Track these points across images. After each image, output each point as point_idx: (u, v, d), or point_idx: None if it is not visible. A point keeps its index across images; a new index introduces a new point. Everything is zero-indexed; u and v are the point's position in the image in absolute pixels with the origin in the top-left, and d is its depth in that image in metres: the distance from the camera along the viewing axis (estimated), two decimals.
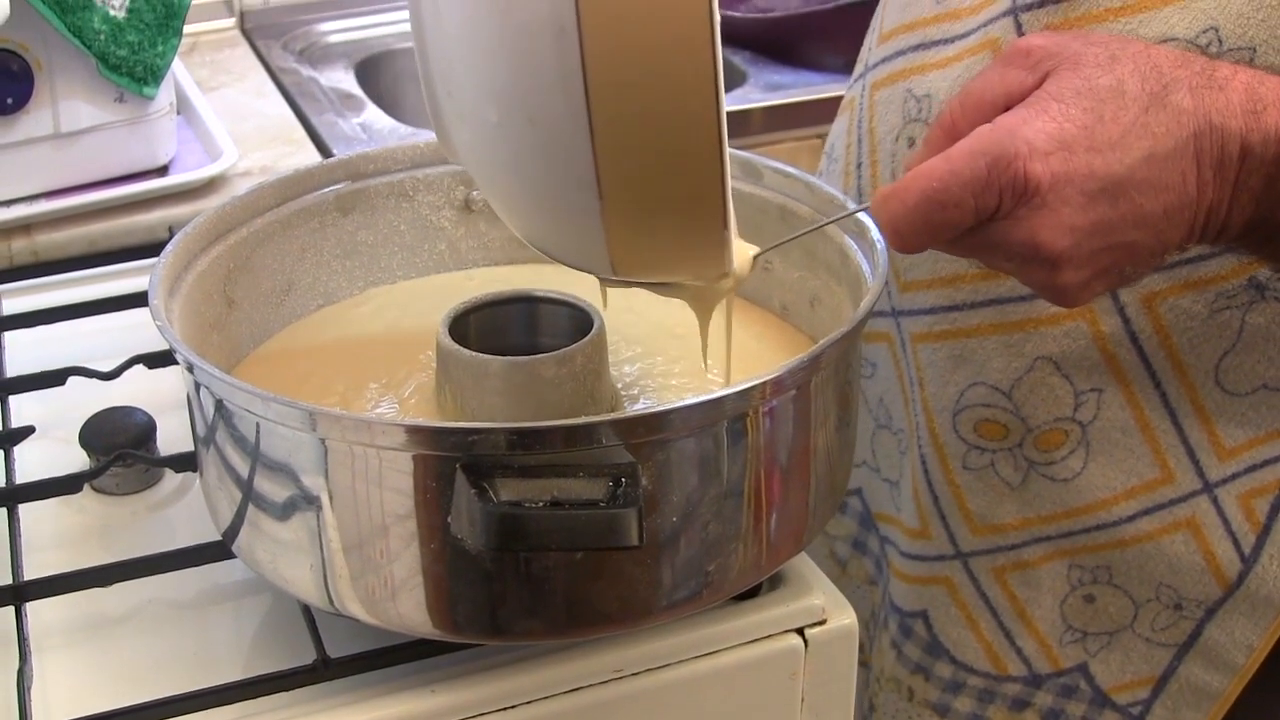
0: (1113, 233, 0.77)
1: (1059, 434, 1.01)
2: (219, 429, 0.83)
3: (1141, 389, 0.98)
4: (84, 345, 1.16)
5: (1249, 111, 0.77)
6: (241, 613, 0.92)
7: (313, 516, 0.79)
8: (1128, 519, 1.01)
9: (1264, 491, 0.98)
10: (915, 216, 0.77)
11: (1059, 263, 0.77)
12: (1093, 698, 1.09)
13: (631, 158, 0.75)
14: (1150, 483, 1.00)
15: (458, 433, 0.74)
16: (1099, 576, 1.04)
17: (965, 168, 0.76)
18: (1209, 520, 0.99)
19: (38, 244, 1.34)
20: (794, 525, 0.84)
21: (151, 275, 0.88)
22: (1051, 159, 0.75)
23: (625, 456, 0.74)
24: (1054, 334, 0.98)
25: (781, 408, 0.80)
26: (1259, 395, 0.96)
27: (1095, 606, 1.05)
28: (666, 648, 0.86)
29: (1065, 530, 1.03)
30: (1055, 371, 0.99)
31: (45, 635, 0.89)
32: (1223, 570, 1.00)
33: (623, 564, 0.78)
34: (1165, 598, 1.02)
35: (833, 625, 0.89)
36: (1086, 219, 0.76)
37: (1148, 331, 0.96)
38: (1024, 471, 1.03)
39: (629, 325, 0.98)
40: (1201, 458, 0.98)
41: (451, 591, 0.79)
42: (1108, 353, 0.97)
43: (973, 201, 0.76)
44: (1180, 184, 0.77)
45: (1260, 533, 0.98)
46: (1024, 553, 1.06)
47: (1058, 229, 0.76)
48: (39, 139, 1.35)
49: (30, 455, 1.03)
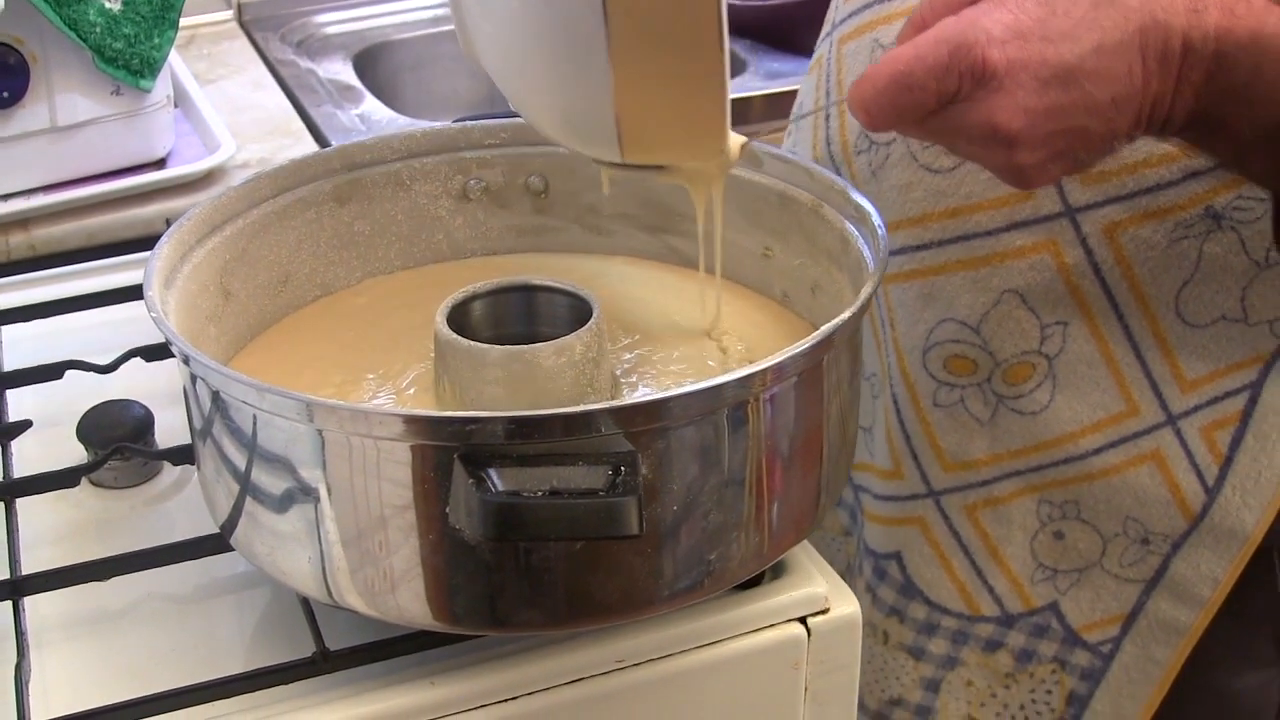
0: (1065, 117, 0.81)
1: (1026, 367, 1.04)
2: (216, 421, 0.82)
3: (1105, 321, 1.02)
4: (81, 339, 1.16)
5: (1191, 10, 0.81)
6: (240, 606, 0.92)
7: (311, 508, 0.79)
8: (1094, 452, 1.04)
9: (1225, 423, 1.01)
10: (884, 97, 0.82)
11: (1015, 142, 0.81)
12: (1064, 637, 1.12)
13: (639, 22, 0.80)
14: (1116, 415, 1.03)
15: (455, 422, 0.74)
16: (1067, 512, 1.07)
17: (929, 53, 0.80)
18: (1173, 452, 1.03)
19: (35, 238, 1.33)
20: (796, 513, 0.84)
21: (147, 267, 0.87)
22: (1008, 46, 0.80)
23: (624, 445, 0.73)
24: (1019, 267, 1.02)
25: (783, 395, 0.79)
26: (1218, 327, 1.00)
27: (1065, 543, 1.08)
28: (668, 638, 0.85)
29: (1034, 464, 1.06)
30: (1021, 305, 1.03)
31: (43, 630, 0.89)
32: (1187, 502, 1.03)
33: (623, 554, 0.77)
34: (1132, 531, 1.06)
35: (835, 614, 0.89)
36: (1040, 102, 0.80)
37: (1109, 262, 1.00)
38: (993, 406, 1.06)
39: (627, 313, 0.97)
40: (1164, 390, 1.02)
41: (451, 583, 0.78)
42: (1072, 284, 1.01)
43: (935, 84, 0.81)
44: (1126, 75, 0.81)
45: (1223, 464, 1.02)
46: (994, 489, 1.09)
47: (1013, 110, 0.80)
48: (35, 132, 1.34)
49: (27, 449, 1.03)
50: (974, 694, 1.16)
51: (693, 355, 0.95)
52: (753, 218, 1.00)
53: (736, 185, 0.99)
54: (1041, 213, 1.01)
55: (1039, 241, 1.01)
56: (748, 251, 1.01)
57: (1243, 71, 0.82)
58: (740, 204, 1.00)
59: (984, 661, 1.14)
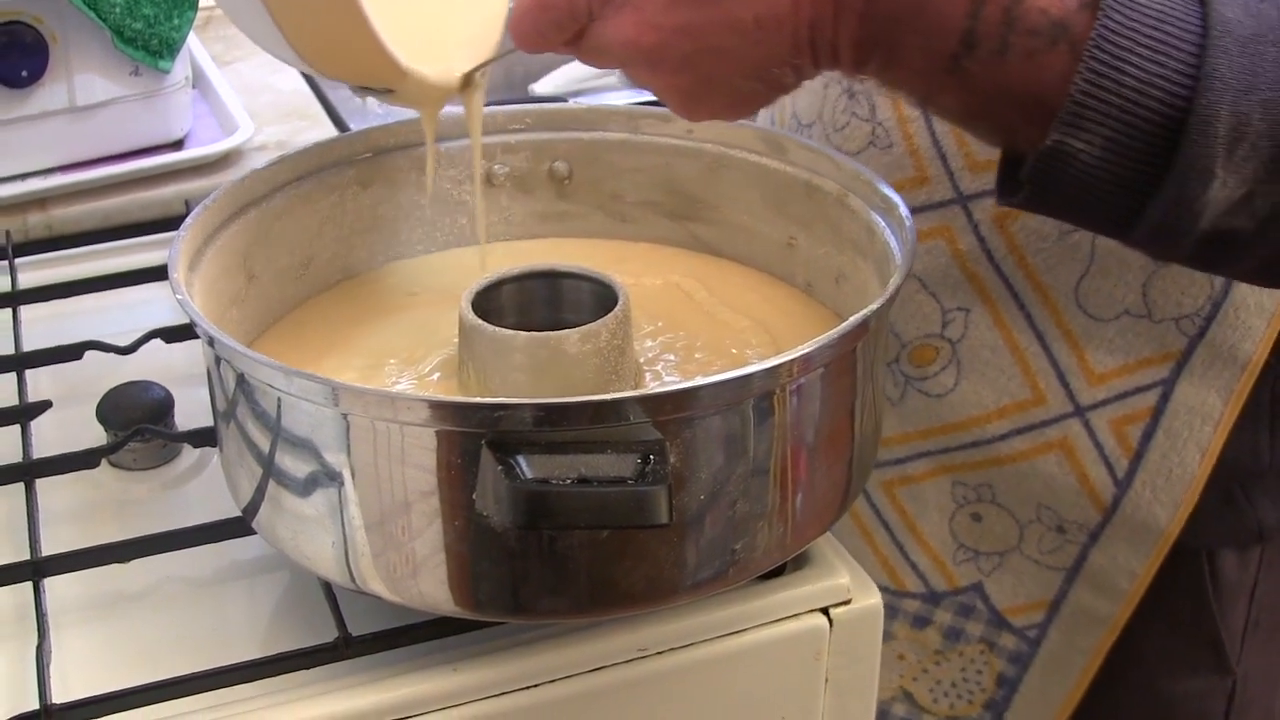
0: (702, 35, 0.78)
1: (930, 350, 1.05)
2: (240, 404, 0.82)
3: (1007, 309, 1.02)
4: (100, 319, 1.16)
5: None
6: (259, 590, 0.92)
7: (334, 493, 0.78)
8: (1001, 437, 1.05)
9: (1136, 418, 1.02)
10: (527, 17, 0.83)
11: (653, 61, 0.80)
12: (990, 618, 1.13)
13: None
14: (1022, 403, 1.04)
15: (484, 408, 0.73)
16: (982, 495, 1.08)
17: None
18: (1081, 443, 1.03)
19: (53, 218, 1.33)
20: (820, 504, 0.84)
21: (171, 249, 0.87)
22: None
23: (653, 433, 0.73)
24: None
25: (809, 385, 0.79)
26: (1123, 322, 1.00)
27: (983, 526, 1.09)
28: (691, 627, 0.85)
29: (943, 446, 1.07)
30: (921, 289, 1.03)
31: (63, 611, 0.88)
32: (1098, 493, 1.04)
33: (648, 542, 0.77)
34: (1046, 519, 1.07)
35: (857, 605, 0.89)
36: (671, 18, 0.78)
37: (1002, 251, 1.00)
38: (902, 386, 1.07)
39: (650, 299, 0.97)
40: (1072, 381, 1.03)
41: (474, 569, 0.78)
42: (969, 271, 1.01)
43: (567, 2, 0.80)
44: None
45: (1133, 459, 1.03)
46: (908, 467, 1.10)
47: (642, 26, 0.78)
48: (54, 112, 1.34)
49: (47, 429, 1.02)
50: (906, 667, 1.19)
51: (715, 343, 0.94)
52: (778, 207, 1.00)
53: (762, 174, 0.99)
54: (935, 199, 1.01)
55: (933, 227, 1.01)
56: (772, 240, 1.01)
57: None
58: (765, 193, 1.00)
59: (913, 636, 1.16)
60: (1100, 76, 0.73)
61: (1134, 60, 0.73)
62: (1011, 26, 0.74)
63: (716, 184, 1.02)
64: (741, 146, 1.00)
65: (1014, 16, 0.74)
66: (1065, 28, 0.74)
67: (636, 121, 1.04)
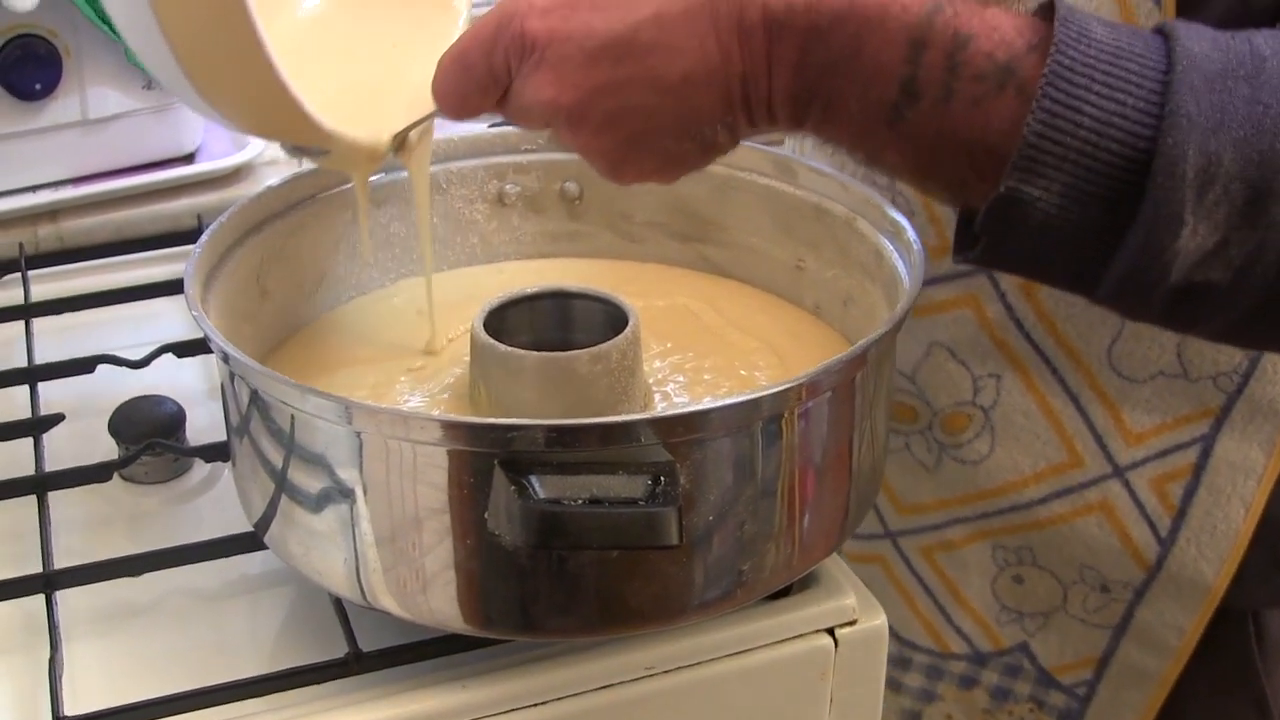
0: (624, 93, 0.75)
1: (963, 417, 1.02)
2: (253, 420, 0.82)
3: (1039, 374, 0.99)
4: (112, 332, 1.17)
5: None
6: (270, 604, 0.92)
7: (346, 509, 0.79)
8: (1040, 501, 1.02)
9: (1177, 476, 0.98)
10: (448, 80, 0.81)
11: (578, 122, 0.77)
12: (1038, 677, 1.11)
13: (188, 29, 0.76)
14: (1059, 466, 1.01)
15: (497, 429, 0.74)
16: (1023, 558, 1.05)
17: (480, 30, 0.78)
18: (1122, 504, 1.00)
19: (64, 230, 1.34)
20: (827, 526, 0.84)
21: (187, 264, 0.88)
22: (550, 16, 0.75)
23: (664, 455, 0.73)
24: (943, 320, 1.00)
25: (818, 408, 0.80)
26: (1158, 382, 0.96)
27: (1025, 587, 1.07)
28: (698, 646, 0.86)
29: (981, 511, 1.05)
30: (951, 357, 1.01)
31: (74, 623, 0.89)
32: (1141, 553, 1.01)
33: (657, 562, 0.78)
34: (1090, 579, 1.04)
35: (863, 626, 0.89)
36: (591, 77, 0.75)
37: (1031, 319, 0.97)
38: (937, 454, 1.05)
39: (659, 320, 0.98)
40: (1109, 442, 0.99)
41: (484, 587, 0.79)
42: (997, 339, 0.98)
43: (484, 61, 0.78)
44: (698, 48, 0.74)
45: (1175, 516, 0.99)
46: (947, 533, 1.07)
47: (561, 85, 0.76)
48: (66, 125, 1.34)
49: (60, 443, 1.03)
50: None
51: (724, 365, 0.95)
52: (786, 229, 1.00)
53: (771, 196, 1.00)
54: (960, 268, 0.97)
55: (959, 296, 0.99)
56: (781, 263, 1.02)
57: (841, 45, 0.73)
58: (774, 215, 1.00)
59: (961, 697, 1.14)
60: (1055, 117, 0.69)
61: (1091, 99, 0.69)
62: (955, 72, 0.71)
63: (725, 206, 1.02)
64: (751, 169, 1.01)
65: (957, 62, 0.71)
66: (1012, 71, 0.71)
67: None
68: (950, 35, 0.72)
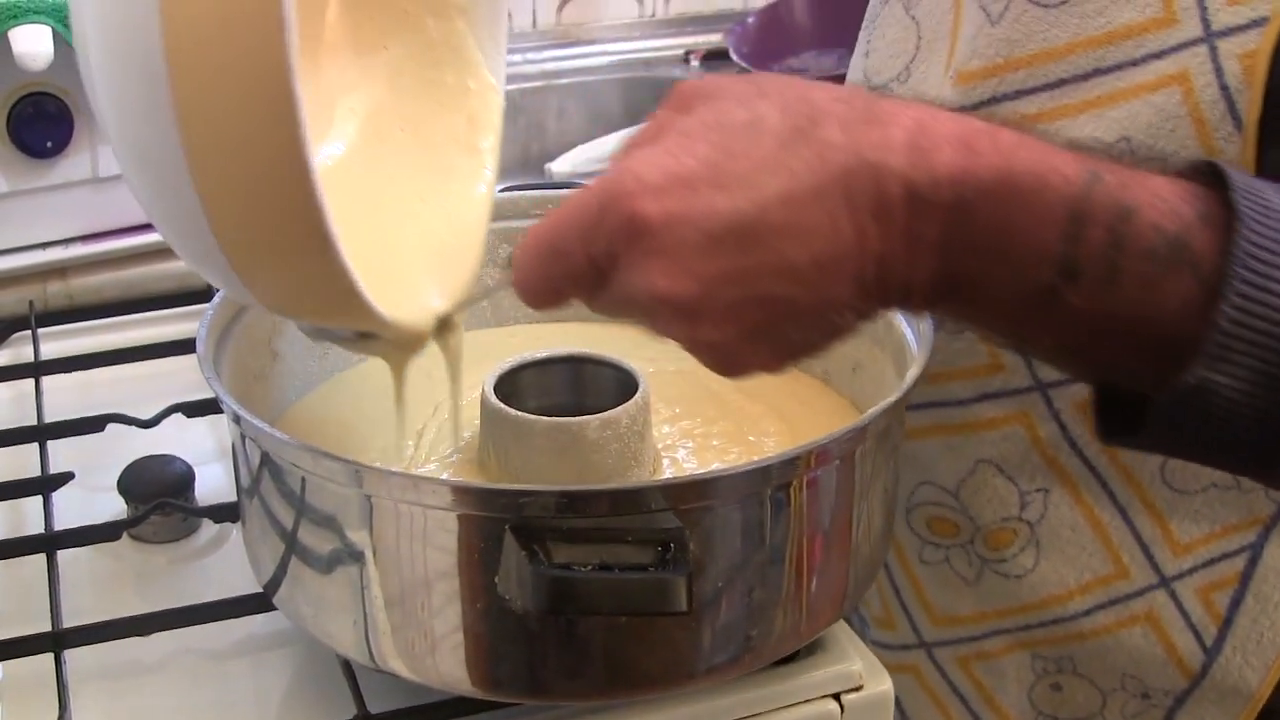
0: (749, 282, 0.67)
1: (1008, 533, 0.98)
2: (264, 481, 0.83)
3: (1088, 489, 0.95)
4: (121, 391, 1.17)
5: (914, 147, 0.67)
6: (278, 665, 0.92)
7: (356, 572, 0.79)
8: (1084, 613, 0.99)
9: (1223, 585, 0.95)
10: (535, 268, 0.71)
11: (692, 316, 0.68)
12: None
13: (233, 204, 0.68)
14: (1104, 577, 0.97)
15: (508, 494, 0.75)
16: (1063, 666, 1.02)
17: (576, 209, 0.69)
18: (1167, 614, 0.97)
19: (72, 287, 1.34)
20: (835, 592, 0.85)
21: (200, 323, 0.88)
22: (666, 196, 0.66)
23: (674, 521, 0.74)
24: (992, 438, 0.96)
25: (826, 476, 0.80)
26: (1210, 493, 0.93)
27: (1063, 695, 1.04)
28: (705, 711, 0.86)
29: (1023, 624, 1.02)
30: (998, 474, 0.97)
31: (82, 683, 0.89)
32: (1185, 661, 0.98)
33: (666, 627, 0.78)
34: (1131, 687, 1.01)
35: (869, 692, 0.89)
36: (713, 265, 0.66)
37: (1085, 437, 0.93)
38: (978, 568, 1.01)
39: (668, 385, 0.98)
40: (1155, 552, 0.95)
41: (493, 650, 0.79)
42: (1048, 456, 0.95)
43: (583, 247, 0.69)
44: (830, 229, 0.66)
45: (1221, 625, 0.96)
46: (985, 644, 1.04)
47: (679, 275, 0.67)
48: (77, 183, 1.35)
49: (69, 501, 1.04)
50: None
51: (732, 430, 0.95)
52: None
53: None
54: (1011, 385, 0.94)
55: (1010, 414, 0.95)
56: None
57: (992, 222, 0.67)
58: None
59: None
60: (1249, 301, 0.64)
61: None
62: (1120, 248, 0.66)
63: None
64: None
65: (1122, 236, 0.66)
66: (1185, 245, 0.65)
67: None
68: (1114, 207, 0.66)
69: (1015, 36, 0.88)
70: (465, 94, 0.91)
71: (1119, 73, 0.85)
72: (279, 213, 0.68)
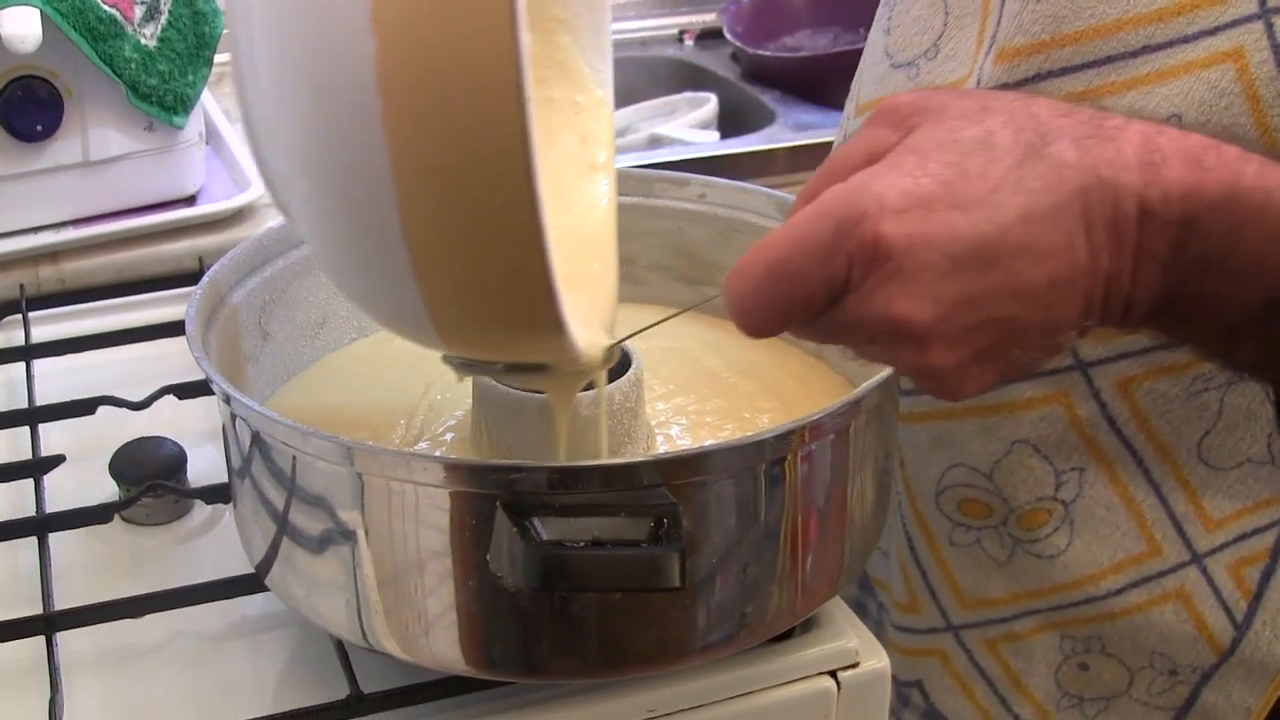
0: (986, 305, 0.67)
1: (1042, 513, 0.98)
2: (255, 461, 0.82)
3: (1124, 468, 0.95)
4: (112, 374, 1.17)
5: (1146, 164, 0.67)
6: (270, 646, 0.92)
7: (348, 551, 0.79)
8: (1116, 592, 0.99)
9: (1254, 560, 0.95)
10: (761, 294, 0.69)
11: (926, 340, 0.67)
12: None
13: (445, 246, 0.67)
14: (1137, 556, 0.97)
15: (499, 470, 0.74)
16: (1091, 646, 1.02)
17: (810, 233, 0.67)
18: (1199, 590, 0.97)
19: (64, 271, 1.34)
20: (830, 569, 0.84)
21: (189, 305, 0.88)
22: (906, 217, 0.66)
23: (667, 497, 0.73)
24: (1030, 418, 0.95)
25: (821, 451, 0.80)
26: (1244, 468, 0.94)
27: (1090, 674, 1.04)
28: (700, 689, 0.85)
29: (1054, 604, 1.01)
30: (1034, 454, 0.96)
31: (75, 664, 0.89)
32: (1215, 638, 0.98)
33: (660, 605, 0.77)
34: (1159, 665, 1.01)
35: (865, 668, 0.89)
36: (953, 288, 0.66)
37: (1125, 415, 0.93)
38: (1010, 548, 1.01)
39: (661, 362, 0.98)
40: (1188, 529, 0.95)
41: (486, 629, 0.79)
42: (1086, 435, 0.95)
43: (820, 271, 0.67)
44: (1066, 248, 0.66)
45: (1252, 600, 0.96)
46: (1014, 625, 1.04)
47: (918, 299, 0.66)
48: (68, 166, 1.34)
49: (60, 484, 1.03)
50: None
51: (726, 408, 0.95)
52: None
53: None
54: (1051, 365, 0.93)
55: (1049, 394, 0.94)
56: None
57: (1219, 237, 0.67)
58: None
59: None
60: None
61: None
62: None
63: (729, 249, 1.03)
64: (754, 211, 1.01)
65: None
66: None
67: (649, 185, 1.05)
68: None
69: (1062, 13, 0.87)
70: (575, 110, 0.89)
71: (1170, 49, 0.85)
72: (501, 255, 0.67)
